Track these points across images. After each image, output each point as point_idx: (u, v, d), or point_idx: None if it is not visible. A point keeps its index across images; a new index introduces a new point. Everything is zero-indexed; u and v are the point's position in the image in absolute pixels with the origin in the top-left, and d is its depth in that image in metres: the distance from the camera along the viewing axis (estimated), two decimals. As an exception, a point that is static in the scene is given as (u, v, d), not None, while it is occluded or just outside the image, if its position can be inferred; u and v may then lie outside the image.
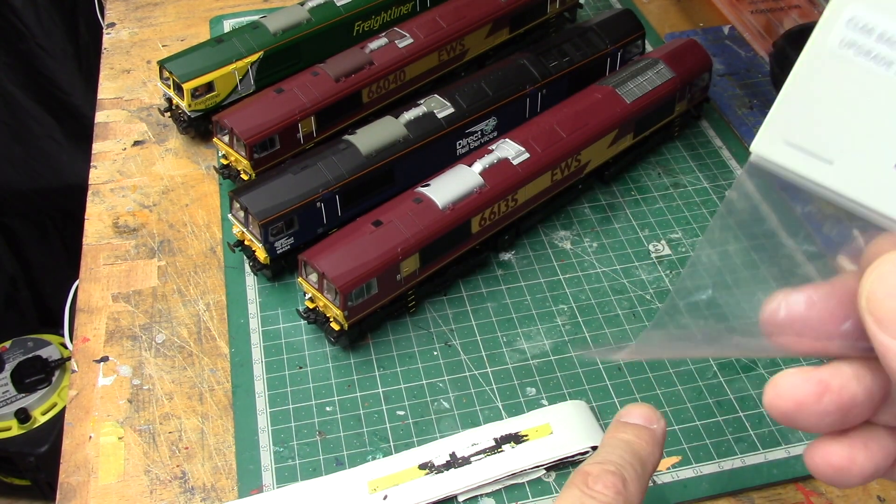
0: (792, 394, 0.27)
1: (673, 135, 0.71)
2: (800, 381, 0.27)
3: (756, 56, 0.80)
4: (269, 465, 0.49)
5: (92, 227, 0.65)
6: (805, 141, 0.25)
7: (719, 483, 0.48)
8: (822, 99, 0.25)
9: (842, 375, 0.27)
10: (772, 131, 0.26)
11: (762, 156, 0.26)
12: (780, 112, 0.26)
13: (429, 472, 0.48)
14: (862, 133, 0.25)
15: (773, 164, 0.26)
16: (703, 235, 0.28)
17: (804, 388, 0.27)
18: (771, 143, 0.26)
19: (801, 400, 0.27)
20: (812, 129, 0.25)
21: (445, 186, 0.57)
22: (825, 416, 0.27)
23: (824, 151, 0.25)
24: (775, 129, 0.26)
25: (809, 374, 0.27)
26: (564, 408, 0.51)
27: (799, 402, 0.27)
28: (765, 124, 0.26)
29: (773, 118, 0.26)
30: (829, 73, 0.25)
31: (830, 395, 0.26)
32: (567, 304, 0.58)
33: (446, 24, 0.72)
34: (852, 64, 0.24)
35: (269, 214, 0.57)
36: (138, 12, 0.87)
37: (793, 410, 0.27)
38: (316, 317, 0.55)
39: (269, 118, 0.63)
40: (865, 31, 0.24)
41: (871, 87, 0.24)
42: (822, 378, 0.27)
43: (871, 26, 0.24)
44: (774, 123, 0.26)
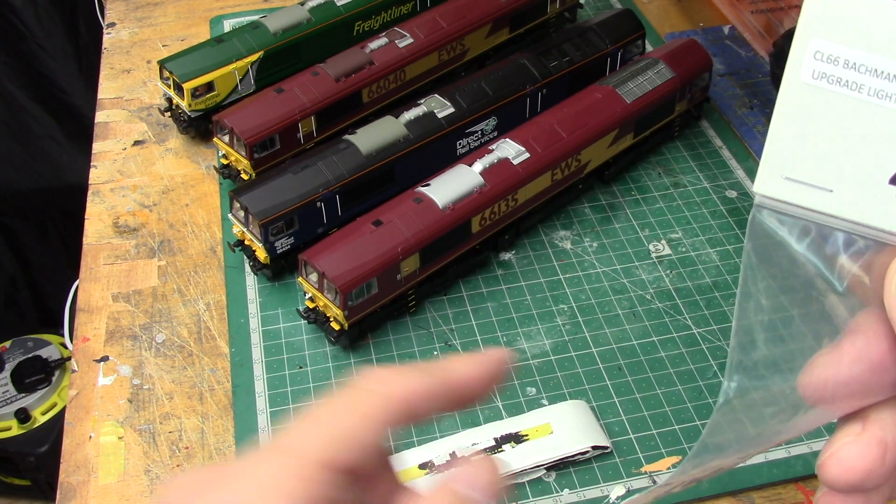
0: (861, 465, 0.26)
1: (673, 135, 0.71)
2: (864, 448, 0.27)
3: (756, 56, 0.80)
4: (269, 464, 0.49)
5: (92, 226, 0.65)
6: (802, 174, 0.26)
7: (719, 483, 0.48)
8: (808, 130, 0.26)
9: (889, 428, 0.27)
10: (769, 169, 0.27)
11: (765, 195, 0.27)
12: (773, 149, 0.27)
13: (429, 471, 0.48)
14: (852, 156, 0.26)
15: (777, 200, 0.27)
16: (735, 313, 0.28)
17: (870, 455, 0.27)
18: (771, 181, 0.27)
19: (870, 467, 0.26)
20: (806, 161, 0.26)
21: (445, 186, 0.57)
22: (887, 474, 0.27)
23: (822, 181, 0.26)
24: (772, 167, 0.27)
25: (866, 437, 0.27)
26: (564, 408, 0.51)
27: (868, 470, 0.26)
28: (762, 163, 0.27)
29: (767, 156, 0.27)
30: (808, 104, 0.26)
31: (890, 453, 0.26)
32: (567, 303, 0.58)
33: (446, 23, 0.72)
34: (827, 93, 0.25)
35: (269, 214, 0.56)
36: (138, 12, 0.87)
37: (862, 480, 0.27)
38: (316, 316, 0.55)
39: (269, 118, 0.63)
40: (832, 61, 0.25)
41: (849, 111, 0.25)
42: (880, 438, 0.27)
43: (835, 56, 0.25)
44: (770, 161, 0.27)
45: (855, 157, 0.26)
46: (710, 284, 0.60)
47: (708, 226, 0.64)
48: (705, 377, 0.54)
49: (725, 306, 0.58)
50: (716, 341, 0.56)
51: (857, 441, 0.27)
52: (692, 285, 0.60)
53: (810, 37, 0.25)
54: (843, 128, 0.26)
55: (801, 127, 0.26)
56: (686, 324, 0.57)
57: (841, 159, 0.26)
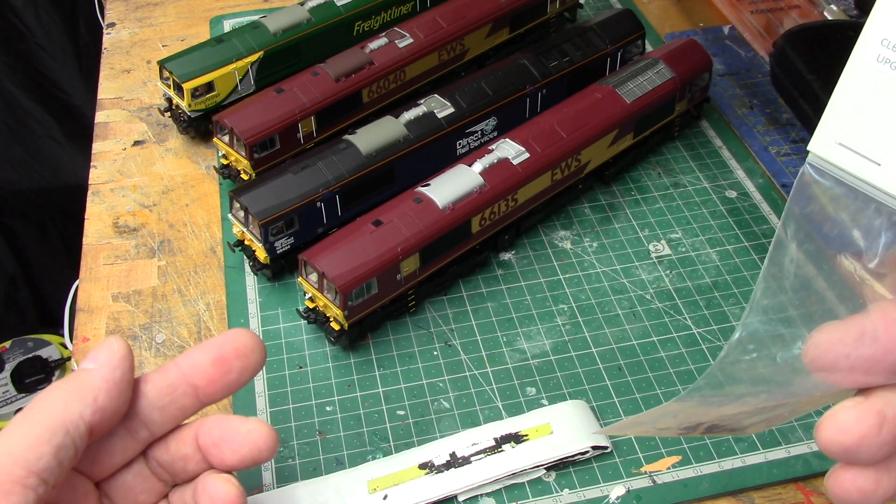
0: (856, 427, 0.27)
1: (673, 135, 0.71)
2: (860, 414, 0.27)
3: (756, 56, 0.80)
4: (269, 464, 0.49)
5: (92, 227, 0.65)
6: (854, 143, 0.28)
7: (719, 483, 0.48)
8: (866, 106, 0.28)
9: (892, 404, 0.27)
10: (825, 132, 0.29)
11: (818, 154, 0.29)
12: (832, 114, 0.28)
13: (429, 471, 0.48)
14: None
15: (828, 162, 0.29)
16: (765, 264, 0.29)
17: (865, 421, 0.27)
18: (825, 143, 0.28)
19: (865, 433, 0.27)
20: (860, 132, 0.28)
21: (445, 186, 0.57)
22: (884, 447, 0.27)
23: (872, 153, 0.28)
24: (828, 131, 0.28)
25: (865, 405, 0.27)
26: (564, 408, 0.51)
27: (862, 436, 0.27)
28: (819, 126, 0.29)
29: (825, 120, 0.29)
30: (869, 83, 0.28)
31: (888, 425, 0.27)
32: (567, 303, 0.58)
33: (446, 23, 0.72)
34: (888, 76, 0.27)
35: (269, 214, 0.57)
36: (138, 12, 0.87)
37: (855, 445, 0.27)
38: (316, 317, 0.55)
39: (269, 118, 0.63)
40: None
41: None
42: (879, 408, 0.27)
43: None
44: (827, 125, 0.29)
45: None
46: (710, 284, 0.60)
47: (708, 226, 0.64)
48: (705, 377, 0.54)
49: (725, 306, 0.58)
50: (716, 341, 0.56)
51: (856, 407, 0.27)
52: (692, 285, 0.60)
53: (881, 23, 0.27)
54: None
55: (859, 100, 0.28)
56: (686, 324, 0.57)
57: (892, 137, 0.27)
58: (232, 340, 0.39)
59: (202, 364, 0.39)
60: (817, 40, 0.69)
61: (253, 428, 0.38)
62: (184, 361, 0.39)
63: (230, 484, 0.38)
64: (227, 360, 0.39)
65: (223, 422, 0.39)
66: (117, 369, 0.37)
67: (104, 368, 0.36)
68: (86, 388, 0.36)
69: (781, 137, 0.72)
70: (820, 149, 0.29)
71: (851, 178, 0.28)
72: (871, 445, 0.27)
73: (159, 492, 0.40)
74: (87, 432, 0.35)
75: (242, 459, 0.38)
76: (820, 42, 0.69)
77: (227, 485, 0.38)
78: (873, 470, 0.28)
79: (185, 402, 0.39)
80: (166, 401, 0.38)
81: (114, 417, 0.37)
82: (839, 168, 0.28)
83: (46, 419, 0.34)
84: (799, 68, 0.67)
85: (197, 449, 0.39)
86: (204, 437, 0.39)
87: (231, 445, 0.38)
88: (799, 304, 0.29)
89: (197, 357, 0.39)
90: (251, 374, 0.39)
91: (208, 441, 0.39)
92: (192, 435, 0.39)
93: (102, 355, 0.37)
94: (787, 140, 0.71)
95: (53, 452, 0.34)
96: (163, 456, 0.39)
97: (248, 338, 0.39)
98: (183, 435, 0.39)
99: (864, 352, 0.27)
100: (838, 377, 0.28)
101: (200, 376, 0.39)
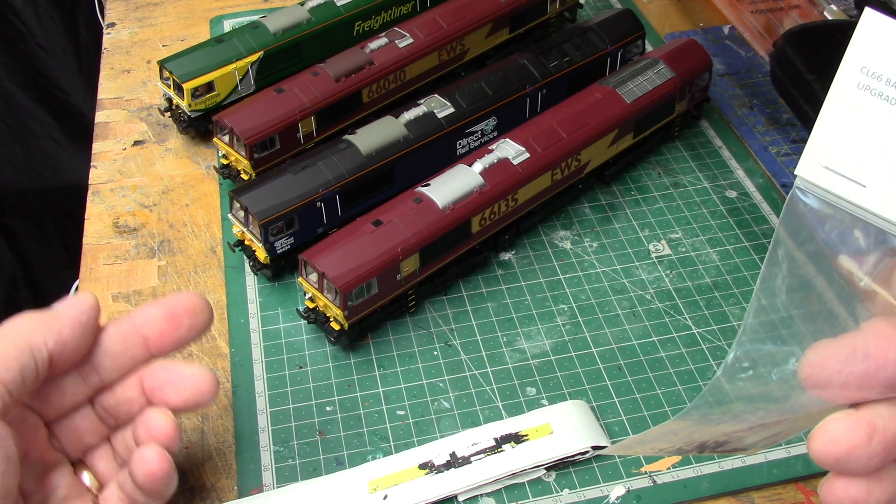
0: (846, 438, 0.28)
1: (673, 135, 0.71)
2: (851, 424, 0.28)
3: (756, 56, 0.80)
4: (269, 464, 0.49)
5: (92, 227, 0.65)
6: (840, 166, 0.29)
7: (719, 483, 0.48)
8: (850, 131, 0.29)
9: (883, 416, 0.28)
10: (811, 157, 0.30)
11: (806, 178, 0.30)
12: (817, 139, 0.30)
13: (429, 471, 0.48)
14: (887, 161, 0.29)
15: (815, 185, 0.30)
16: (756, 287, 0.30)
17: (856, 432, 0.28)
18: (811, 166, 0.30)
19: (855, 443, 0.28)
20: (845, 156, 0.29)
21: (445, 186, 0.57)
22: (874, 458, 0.28)
23: (857, 176, 0.29)
24: (814, 155, 0.30)
25: (856, 417, 0.28)
26: (564, 408, 0.51)
27: (852, 446, 0.28)
28: (805, 150, 0.30)
29: (811, 145, 0.30)
30: (851, 109, 0.29)
31: (878, 436, 0.28)
32: (567, 303, 0.58)
33: (446, 24, 0.72)
34: (869, 102, 0.29)
35: (269, 214, 0.57)
36: (138, 12, 0.87)
37: (846, 455, 0.28)
38: (316, 317, 0.55)
39: (269, 118, 0.63)
40: (876, 77, 0.28)
41: (887, 121, 0.28)
42: (869, 420, 0.28)
43: (879, 73, 0.28)
44: (813, 149, 0.30)
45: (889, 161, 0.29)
46: (710, 284, 0.60)
47: (708, 226, 0.64)
48: (705, 377, 0.54)
49: (725, 306, 0.58)
50: (716, 341, 0.56)
51: (846, 418, 0.28)
52: (692, 285, 0.60)
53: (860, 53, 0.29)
54: (881, 134, 0.29)
55: (843, 126, 0.29)
56: (686, 324, 0.57)
57: (877, 161, 0.29)
58: (183, 300, 0.43)
59: (155, 318, 0.43)
60: (817, 40, 0.69)
61: (196, 373, 0.42)
62: (138, 315, 0.43)
63: (167, 416, 0.42)
64: (177, 316, 0.43)
65: (167, 367, 0.43)
66: (84, 314, 0.41)
67: (73, 310, 0.41)
68: (53, 321, 0.40)
69: (781, 137, 0.72)
70: (807, 172, 0.30)
71: (838, 199, 0.29)
72: (862, 456, 0.28)
73: (103, 434, 0.44)
74: (48, 359, 0.39)
75: (185, 401, 0.42)
76: (820, 42, 0.69)
77: (164, 417, 0.42)
78: (865, 480, 0.29)
79: (135, 352, 0.43)
80: (118, 350, 0.42)
81: (73, 355, 0.41)
82: (826, 190, 0.30)
83: (15, 339, 0.38)
84: (799, 68, 0.67)
85: (141, 392, 0.43)
86: (149, 380, 0.43)
87: (174, 387, 0.42)
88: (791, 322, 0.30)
89: (151, 312, 0.43)
90: (199, 333, 0.44)
91: (153, 384, 0.42)
92: (137, 379, 0.43)
93: (73, 301, 0.41)
94: (787, 140, 0.71)
95: (19, 369, 0.38)
96: (109, 400, 0.43)
97: (197, 299, 0.43)
98: (128, 380, 0.43)
99: (857, 368, 0.28)
100: (832, 393, 0.29)
101: (152, 329, 0.43)
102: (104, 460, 0.44)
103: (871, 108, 0.29)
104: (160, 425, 0.42)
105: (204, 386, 0.42)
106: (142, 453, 0.41)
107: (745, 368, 0.30)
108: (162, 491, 0.41)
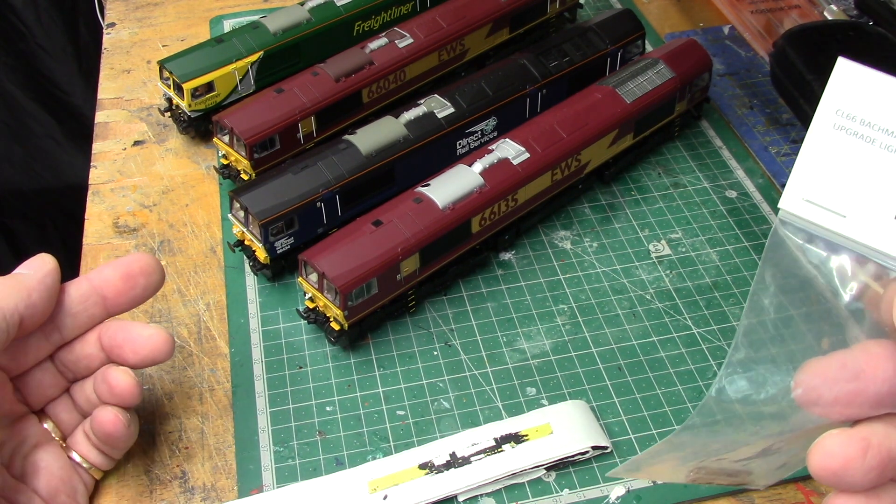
0: (841, 452, 0.29)
1: (673, 135, 0.71)
2: (845, 439, 0.29)
3: (756, 56, 0.80)
4: (269, 464, 0.49)
5: (92, 227, 0.65)
6: (821, 199, 0.32)
7: (719, 483, 0.48)
8: (828, 167, 0.32)
9: (877, 433, 0.29)
10: (794, 191, 0.32)
11: (788, 211, 0.32)
12: (799, 176, 0.32)
13: (429, 471, 0.48)
14: (864, 193, 0.31)
15: (798, 217, 0.32)
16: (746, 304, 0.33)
17: (850, 447, 0.29)
18: (794, 200, 0.32)
19: (850, 457, 0.29)
20: (825, 189, 0.32)
21: (445, 186, 0.57)
22: (869, 472, 0.29)
23: (837, 207, 0.31)
24: (796, 189, 0.32)
25: (850, 433, 0.29)
26: (564, 408, 0.51)
27: (847, 460, 0.29)
28: (787, 185, 0.32)
29: (793, 180, 0.32)
30: (829, 146, 0.32)
31: (872, 451, 0.29)
32: (567, 304, 0.58)
33: (446, 24, 0.72)
34: (846, 141, 0.31)
35: (269, 214, 0.57)
36: (138, 12, 0.87)
37: (841, 469, 0.29)
38: (316, 317, 0.55)
39: (269, 118, 0.63)
40: (850, 118, 0.31)
41: (863, 157, 0.31)
42: (864, 436, 0.29)
43: (853, 114, 0.31)
44: (795, 184, 0.32)
45: (867, 193, 0.31)
46: (710, 284, 0.60)
47: (708, 226, 0.64)
48: (705, 377, 0.54)
49: (725, 306, 0.58)
50: (716, 341, 0.56)
51: (841, 434, 0.29)
52: (692, 285, 0.60)
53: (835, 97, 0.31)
54: (857, 169, 0.31)
55: (822, 162, 0.32)
56: (686, 324, 0.57)
57: (855, 193, 0.31)
58: (137, 260, 0.46)
59: (112, 278, 0.46)
60: (817, 40, 0.69)
61: (153, 333, 0.45)
62: (95, 276, 0.46)
63: (127, 374, 0.44)
64: (133, 276, 0.46)
65: (126, 327, 0.45)
66: (48, 276, 0.43)
67: (38, 273, 0.43)
68: (22, 287, 0.42)
69: (781, 137, 0.72)
70: (790, 205, 0.32)
71: (821, 229, 0.32)
72: (857, 470, 0.29)
73: (63, 386, 0.47)
74: (18, 322, 0.42)
75: (143, 359, 0.45)
76: (820, 42, 0.69)
77: (125, 374, 0.44)
78: (864, 497, 0.30)
79: (94, 311, 0.46)
80: (78, 308, 0.45)
81: (41, 316, 0.43)
82: (809, 221, 0.32)
83: None
84: (799, 68, 0.67)
85: (100, 349, 0.46)
86: (108, 339, 0.45)
87: (132, 347, 0.45)
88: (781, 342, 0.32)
89: (107, 272, 0.46)
90: (153, 291, 0.47)
91: (112, 343, 0.45)
92: (96, 336, 0.46)
93: (35, 264, 0.44)
94: (787, 140, 0.72)
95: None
96: (68, 356, 0.46)
97: (151, 259, 0.46)
98: (88, 337, 0.46)
99: (846, 385, 0.29)
100: (824, 410, 0.30)
101: (110, 289, 0.45)
102: (65, 411, 0.47)
103: (846, 146, 0.31)
104: (120, 383, 0.44)
105: (160, 345, 0.45)
106: (99, 414, 0.44)
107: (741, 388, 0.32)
108: (121, 445, 0.46)
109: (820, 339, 0.31)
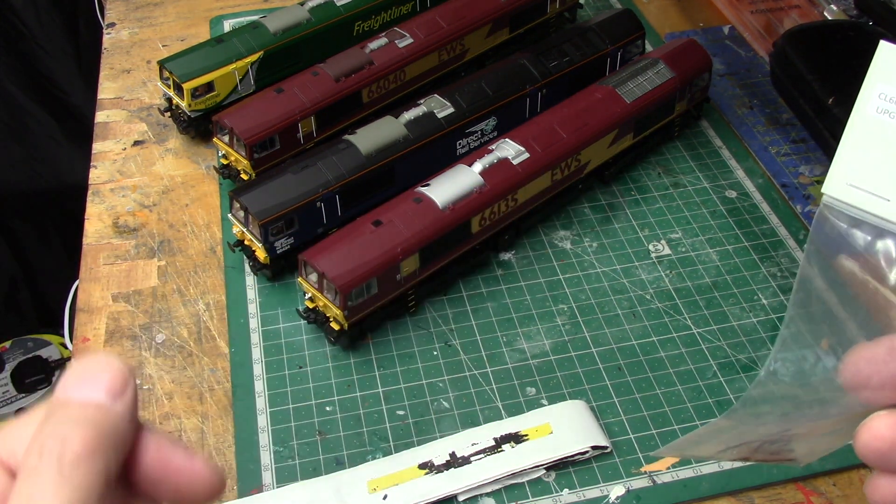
0: (889, 434, 0.29)
1: (673, 135, 0.71)
2: (893, 421, 0.29)
3: (756, 56, 0.80)
4: (269, 464, 0.49)
5: (92, 227, 0.65)
6: (864, 183, 0.32)
7: (719, 483, 0.48)
8: (871, 151, 0.32)
9: None
10: (837, 175, 0.32)
11: (832, 195, 0.32)
12: (841, 159, 0.32)
13: (429, 471, 0.48)
14: None
15: (842, 202, 0.32)
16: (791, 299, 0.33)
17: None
18: (837, 184, 0.32)
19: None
20: (867, 173, 0.32)
21: (445, 186, 0.57)
22: None
23: (881, 191, 0.32)
24: (839, 174, 0.32)
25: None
26: (564, 408, 0.51)
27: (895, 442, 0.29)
28: (831, 169, 0.33)
29: (836, 164, 0.33)
30: (873, 131, 0.32)
31: None
32: (567, 303, 0.58)
33: (446, 24, 0.72)
34: (888, 124, 0.31)
35: (269, 214, 0.57)
36: (138, 12, 0.87)
37: (889, 449, 0.29)
38: (316, 317, 0.55)
39: (269, 118, 0.63)
40: (893, 101, 0.31)
41: None
42: None
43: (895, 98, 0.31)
44: (838, 169, 0.32)
45: None
46: (710, 284, 0.60)
47: (708, 226, 0.64)
48: (705, 377, 0.54)
49: (725, 306, 0.58)
50: (715, 341, 0.56)
51: (890, 416, 0.29)
52: (692, 285, 0.60)
53: (877, 81, 0.32)
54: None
55: (865, 147, 0.32)
56: (686, 324, 0.57)
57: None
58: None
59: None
60: (817, 40, 0.69)
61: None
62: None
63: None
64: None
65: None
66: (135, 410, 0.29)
67: (130, 412, 0.29)
68: (120, 441, 0.28)
69: (781, 137, 0.72)
70: (833, 190, 0.32)
71: (864, 213, 0.32)
72: None
73: None
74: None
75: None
76: (820, 42, 0.69)
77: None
78: None
79: None
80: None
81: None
82: (852, 206, 0.32)
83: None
84: (799, 68, 0.67)
85: None
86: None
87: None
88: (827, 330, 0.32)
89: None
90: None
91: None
92: None
93: (128, 396, 0.29)
94: (787, 140, 0.71)
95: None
96: None
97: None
98: None
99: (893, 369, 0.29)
100: (870, 395, 0.30)
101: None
102: None
103: (889, 129, 0.31)
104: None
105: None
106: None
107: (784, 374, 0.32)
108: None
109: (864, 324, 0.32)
